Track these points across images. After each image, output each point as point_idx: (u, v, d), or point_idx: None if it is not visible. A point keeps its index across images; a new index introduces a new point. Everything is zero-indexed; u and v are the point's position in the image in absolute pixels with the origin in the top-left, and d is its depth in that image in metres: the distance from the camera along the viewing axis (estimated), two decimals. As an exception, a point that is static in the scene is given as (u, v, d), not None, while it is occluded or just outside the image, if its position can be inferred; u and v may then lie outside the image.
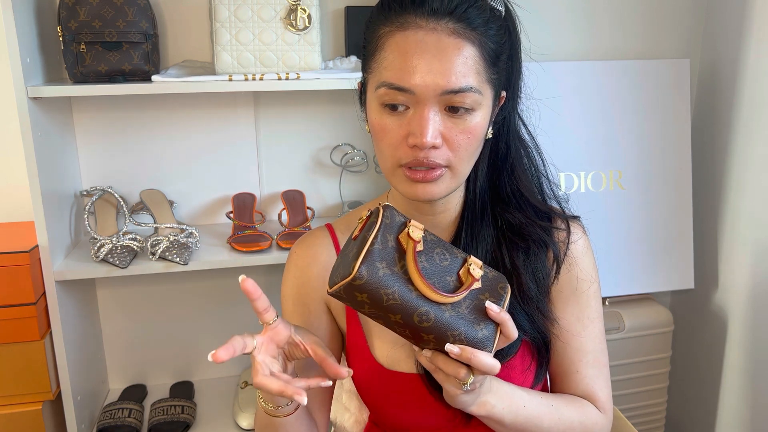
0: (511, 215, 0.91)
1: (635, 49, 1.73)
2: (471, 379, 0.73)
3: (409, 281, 0.71)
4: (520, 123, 0.93)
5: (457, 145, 0.80)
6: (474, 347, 0.72)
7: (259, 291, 0.76)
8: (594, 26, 1.71)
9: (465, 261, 0.76)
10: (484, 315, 0.75)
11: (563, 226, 0.94)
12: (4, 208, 1.56)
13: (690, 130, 1.68)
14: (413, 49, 0.77)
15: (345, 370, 0.77)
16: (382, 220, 0.72)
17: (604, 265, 0.99)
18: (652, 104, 1.66)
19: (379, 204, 0.75)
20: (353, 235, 0.75)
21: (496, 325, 0.75)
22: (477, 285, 0.75)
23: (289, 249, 1.45)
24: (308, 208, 1.63)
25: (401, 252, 0.72)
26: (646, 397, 1.76)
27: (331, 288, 0.71)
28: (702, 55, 1.76)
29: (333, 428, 1.21)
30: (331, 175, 1.70)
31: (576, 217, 0.97)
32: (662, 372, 1.76)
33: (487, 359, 0.72)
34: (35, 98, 1.29)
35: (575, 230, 0.95)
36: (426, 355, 0.75)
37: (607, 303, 1.71)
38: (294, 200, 1.63)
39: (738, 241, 1.62)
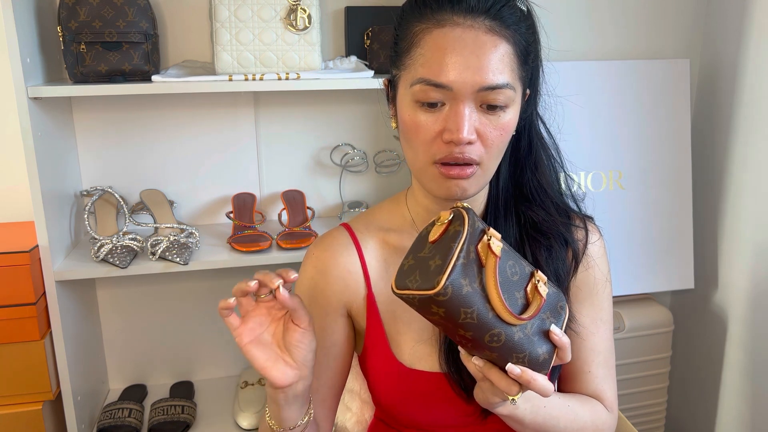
0: (534, 212, 0.92)
1: (635, 49, 1.73)
2: (519, 396, 0.73)
3: (487, 299, 0.69)
4: (540, 121, 0.94)
5: (490, 141, 0.81)
6: (533, 369, 0.72)
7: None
8: (593, 26, 1.71)
9: (532, 275, 0.75)
10: (545, 336, 0.74)
11: (581, 224, 0.96)
12: (4, 208, 1.56)
13: (690, 130, 1.68)
14: (451, 45, 0.77)
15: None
16: (468, 229, 0.69)
17: (604, 265, 1.00)
18: (652, 104, 1.66)
19: (459, 205, 0.73)
20: (432, 239, 0.71)
21: (554, 346, 0.75)
22: (544, 303, 0.74)
23: (288, 249, 1.46)
24: (308, 208, 1.63)
25: (480, 265, 0.70)
26: (646, 397, 1.76)
27: (401, 290, 0.69)
28: (702, 55, 1.76)
29: (334, 429, 1.21)
30: (331, 175, 1.70)
31: (590, 217, 0.99)
32: (662, 372, 1.76)
33: (544, 383, 0.73)
34: (35, 98, 1.29)
35: (594, 230, 0.97)
36: (477, 364, 0.74)
37: (612, 304, 1.71)
38: (294, 200, 1.63)
39: (738, 241, 1.62)
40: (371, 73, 1.42)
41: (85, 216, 1.46)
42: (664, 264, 1.69)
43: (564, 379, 0.98)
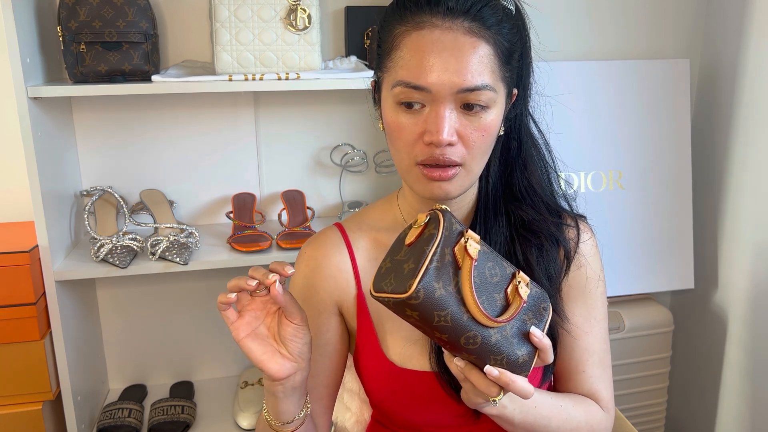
0: (524, 212, 0.92)
1: (635, 49, 1.73)
2: (500, 397, 0.74)
3: (462, 302, 0.69)
4: (531, 120, 0.94)
5: (471, 142, 0.81)
6: (512, 371, 0.72)
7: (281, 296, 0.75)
8: (594, 26, 1.71)
9: (513, 276, 0.74)
10: (525, 337, 0.74)
11: (572, 224, 0.96)
12: (4, 208, 1.56)
13: (690, 130, 1.68)
14: (429, 48, 0.78)
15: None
16: (442, 232, 0.69)
17: (604, 265, 1.00)
18: (652, 104, 1.66)
19: (437, 208, 0.73)
20: (408, 242, 0.71)
21: (535, 348, 0.75)
22: (523, 305, 0.74)
23: (288, 249, 1.46)
24: (308, 208, 1.63)
25: (456, 267, 0.70)
26: (646, 397, 1.76)
27: (377, 293, 0.69)
28: (702, 55, 1.76)
29: (334, 428, 1.21)
30: (331, 175, 1.70)
31: (582, 217, 0.99)
32: (662, 372, 1.76)
33: (524, 385, 0.73)
34: (35, 98, 1.29)
35: (585, 229, 0.97)
36: (458, 365, 0.74)
37: (607, 303, 1.71)
38: (294, 200, 1.63)
39: (738, 241, 1.62)
40: (371, 73, 1.41)
41: (85, 216, 1.46)
42: (664, 264, 1.69)
43: (559, 379, 0.98)
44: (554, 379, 0.99)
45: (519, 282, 0.74)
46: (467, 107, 0.79)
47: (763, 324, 1.53)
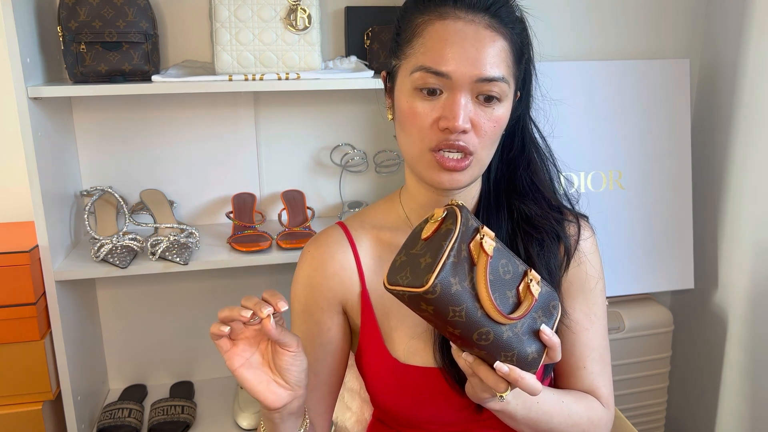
0: (526, 206, 0.94)
1: (635, 49, 1.73)
2: (508, 393, 0.74)
3: (477, 298, 0.70)
4: (532, 125, 0.96)
5: (483, 132, 0.83)
6: (521, 368, 0.73)
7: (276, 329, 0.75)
8: (594, 26, 1.71)
9: (525, 274, 0.75)
10: (535, 335, 0.74)
11: (574, 221, 0.97)
12: (4, 208, 1.56)
13: (690, 130, 1.68)
14: (452, 37, 0.81)
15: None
16: (460, 228, 0.70)
17: (604, 264, 1.01)
18: (652, 104, 1.66)
19: (453, 203, 0.74)
20: (424, 236, 0.72)
21: (544, 346, 0.76)
22: (535, 303, 0.74)
23: (288, 249, 1.46)
24: (308, 208, 1.63)
25: (471, 263, 0.70)
26: (646, 397, 1.76)
27: (392, 286, 0.70)
28: (702, 55, 1.76)
29: (334, 428, 1.21)
30: (331, 175, 1.70)
31: (584, 216, 1.00)
32: (662, 372, 1.76)
33: (532, 382, 0.73)
34: (35, 98, 1.29)
35: (586, 227, 0.99)
36: (467, 360, 0.75)
37: (607, 303, 1.71)
38: (294, 200, 1.63)
39: (738, 241, 1.62)
40: (371, 73, 1.42)
41: (85, 216, 1.46)
42: (664, 264, 1.69)
43: (559, 375, 0.99)
44: (554, 375, 1.00)
45: (531, 280, 0.75)
46: (486, 99, 0.82)
47: (763, 324, 1.53)
